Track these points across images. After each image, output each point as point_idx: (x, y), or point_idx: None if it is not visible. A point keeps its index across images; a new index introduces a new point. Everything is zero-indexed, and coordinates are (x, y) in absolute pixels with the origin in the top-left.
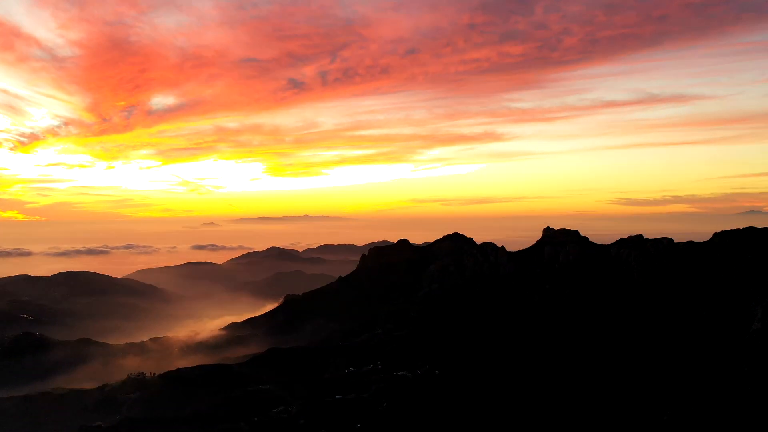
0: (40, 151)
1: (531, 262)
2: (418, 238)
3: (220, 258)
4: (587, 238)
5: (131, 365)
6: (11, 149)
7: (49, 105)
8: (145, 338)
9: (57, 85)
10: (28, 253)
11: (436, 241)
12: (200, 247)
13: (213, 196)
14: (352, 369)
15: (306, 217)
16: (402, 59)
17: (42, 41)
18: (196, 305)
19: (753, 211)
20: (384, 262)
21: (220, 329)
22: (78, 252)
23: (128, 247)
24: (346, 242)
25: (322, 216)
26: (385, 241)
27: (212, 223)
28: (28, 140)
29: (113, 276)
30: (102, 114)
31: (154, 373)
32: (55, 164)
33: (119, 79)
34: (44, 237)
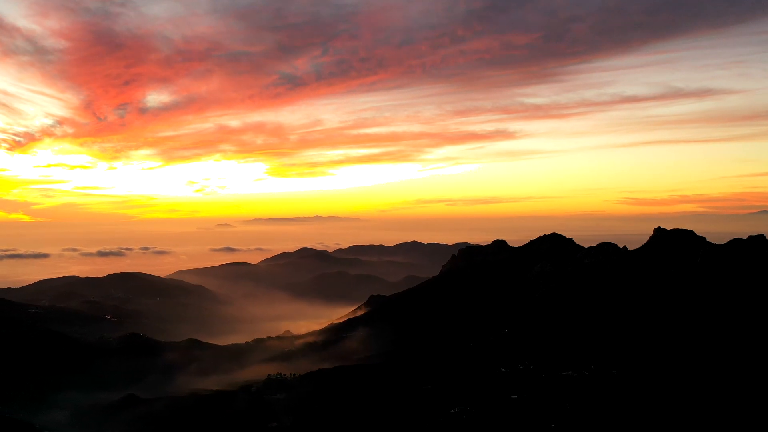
0: (38, 152)
1: (645, 264)
2: (433, 238)
3: (244, 259)
4: (704, 238)
5: (248, 366)
6: (8, 150)
7: (41, 102)
8: (230, 340)
9: (46, 81)
10: (46, 255)
11: (532, 241)
12: (228, 250)
13: (218, 197)
14: (504, 369)
15: (317, 218)
16: (397, 50)
17: (24, 31)
18: (254, 306)
19: (765, 211)
20: (478, 263)
21: (320, 330)
22: (100, 254)
23: (145, 249)
24: (374, 243)
25: (334, 217)
26: (414, 242)
27: (226, 224)
28: (24, 140)
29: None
30: (96, 112)
31: (294, 374)
32: (55, 165)
33: (107, 74)
34: (57, 239)
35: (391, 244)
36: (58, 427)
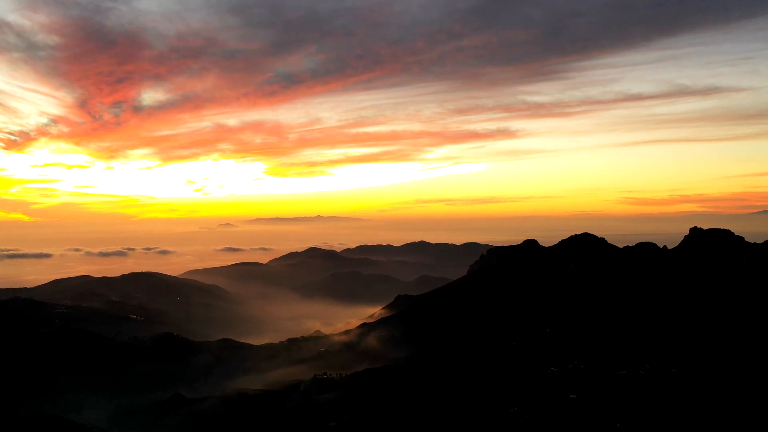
0: (35, 151)
1: (684, 263)
2: (437, 238)
3: (249, 258)
4: (743, 238)
5: (286, 366)
6: (3, 149)
7: (35, 100)
8: (257, 340)
9: (39, 78)
10: (49, 255)
11: (563, 241)
12: (232, 249)
13: (216, 197)
14: (554, 368)
15: (319, 218)
16: (394, 47)
17: (15, 26)
18: (271, 306)
19: (765, 211)
20: (509, 262)
21: (352, 330)
22: (103, 254)
23: (148, 249)
24: (379, 243)
25: (335, 217)
26: (422, 242)
27: (228, 224)
28: (20, 139)
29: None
30: (90, 111)
31: (340, 374)
32: (52, 164)
33: (99, 72)
34: (58, 239)
35: (397, 244)
36: (106, 427)
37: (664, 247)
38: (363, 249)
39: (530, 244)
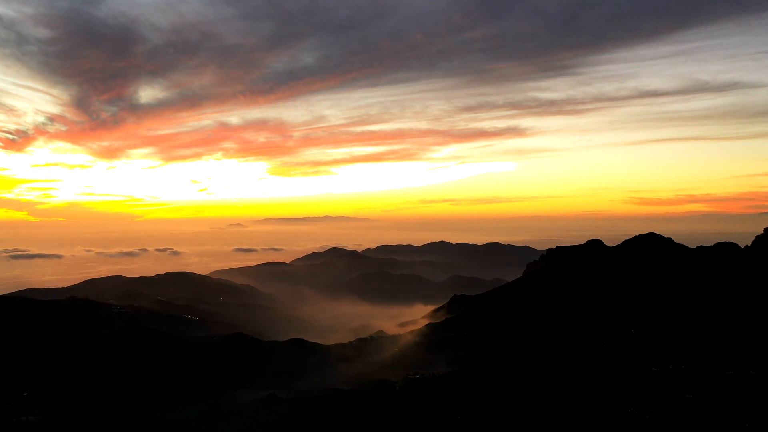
0: (35, 151)
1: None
2: (444, 237)
3: (265, 258)
4: None
5: (363, 365)
6: (3, 148)
7: (30, 98)
8: (321, 340)
9: (33, 75)
10: (60, 256)
11: (628, 241)
12: (246, 250)
13: (221, 197)
14: (654, 369)
15: (327, 218)
16: (399, 41)
17: (3, 17)
18: (308, 306)
19: None
20: (573, 263)
21: (420, 330)
22: (121, 254)
23: (161, 250)
24: (402, 243)
25: (343, 217)
26: (443, 242)
27: (239, 224)
28: (18, 138)
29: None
30: (87, 109)
31: (432, 374)
32: (54, 164)
33: (91, 68)
34: (66, 239)
35: (417, 244)
36: (199, 426)
37: (746, 247)
38: (384, 249)
39: (594, 245)
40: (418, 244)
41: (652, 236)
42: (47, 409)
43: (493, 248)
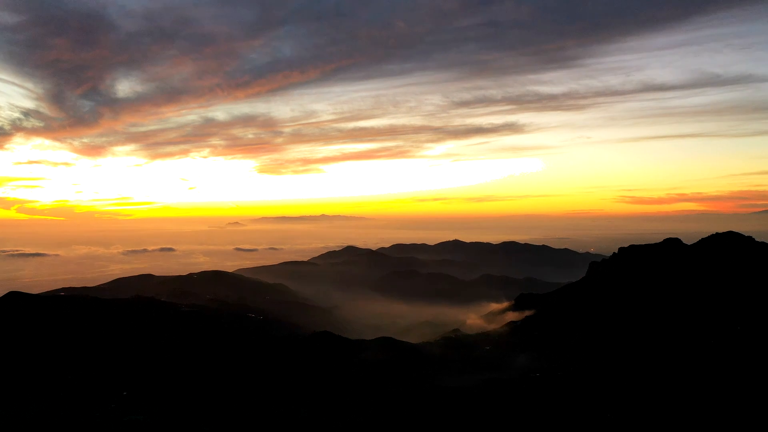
0: (16, 148)
1: None
2: (447, 236)
3: (273, 257)
4: None
5: (459, 364)
6: None
7: (5, 91)
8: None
9: (4, 67)
10: (57, 255)
11: (704, 239)
12: (248, 250)
13: (210, 195)
14: None
15: (324, 217)
16: (380, 30)
17: None
18: (346, 304)
19: (766, 211)
20: (651, 261)
21: (497, 330)
22: (126, 253)
23: (168, 249)
24: (417, 242)
25: (339, 216)
26: (457, 240)
27: (237, 222)
28: None
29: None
30: (64, 104)
31: (550, 373)
32: (37, 161)
33: (57, 58)
34: (58, 238)
35: (433, 243)
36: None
37: None
38: (399, 248)
39: (671, 243)
40: (431, 243)
41: (731, 234)
42: (150, 407)
43: (510, 247)
